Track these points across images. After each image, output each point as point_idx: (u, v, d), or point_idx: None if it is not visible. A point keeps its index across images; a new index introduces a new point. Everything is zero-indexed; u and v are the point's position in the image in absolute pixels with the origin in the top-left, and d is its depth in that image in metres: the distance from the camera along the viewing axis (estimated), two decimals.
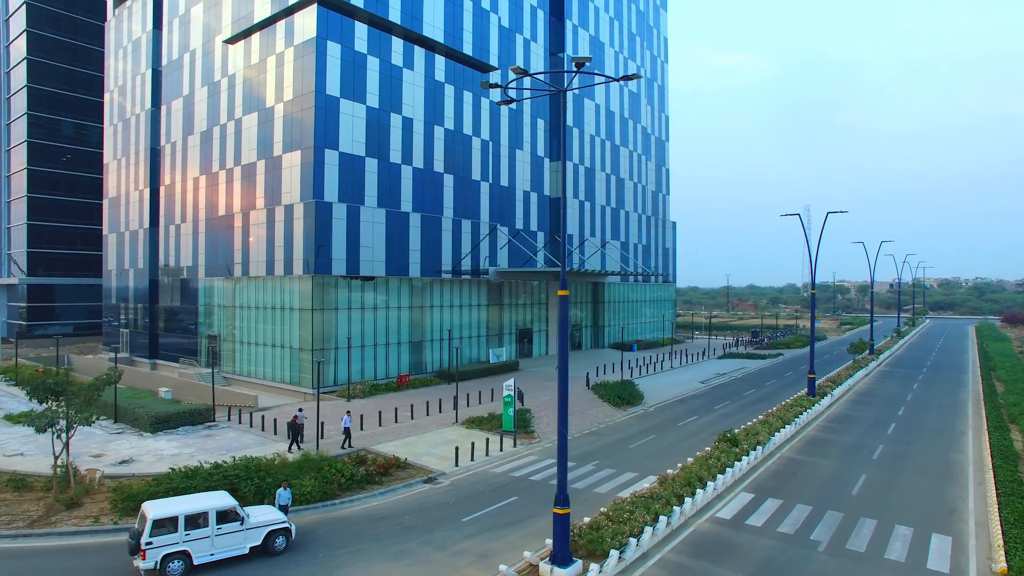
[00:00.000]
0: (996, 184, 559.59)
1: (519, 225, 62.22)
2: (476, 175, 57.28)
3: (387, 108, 49.49)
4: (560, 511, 16.98)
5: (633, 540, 18.34)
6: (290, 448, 29.87)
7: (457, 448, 28.74)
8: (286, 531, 19.09)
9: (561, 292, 16.93)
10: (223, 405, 41.53)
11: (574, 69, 63.58)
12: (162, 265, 61.32)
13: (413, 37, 51.39)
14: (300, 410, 31.93)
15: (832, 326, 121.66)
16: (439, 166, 53.59)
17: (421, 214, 51.61)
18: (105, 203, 69.85)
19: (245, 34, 50.98)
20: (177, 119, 59.06)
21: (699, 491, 22.65)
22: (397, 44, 50.31)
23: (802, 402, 39.32)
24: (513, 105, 61.69)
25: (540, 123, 65.03)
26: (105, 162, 70.04)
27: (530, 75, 16.25)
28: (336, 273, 45.52)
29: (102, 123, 75.73)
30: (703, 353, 72.23)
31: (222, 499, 18.60)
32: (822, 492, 24.79)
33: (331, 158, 45.70)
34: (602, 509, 20.54)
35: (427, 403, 39.41)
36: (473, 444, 29.60)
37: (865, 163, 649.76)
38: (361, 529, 21.09)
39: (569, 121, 68.10)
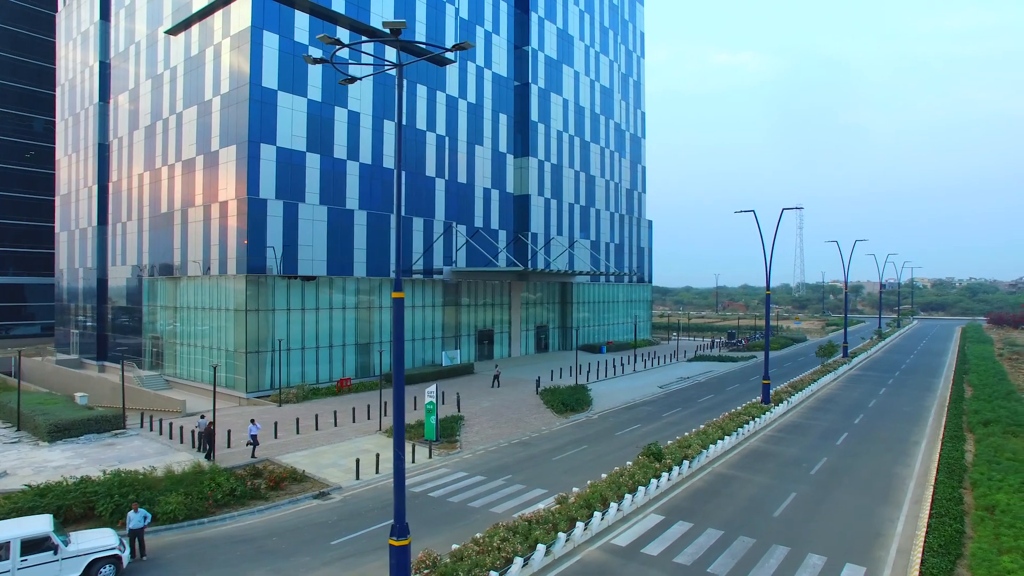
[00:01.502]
0: (995, 184, 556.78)
1: (479, 223, 60.23)
2: (431, 171, 55.31)
3: (331, 101, 47.54)
4: (396, 543, 15.01)
5: (494, 574, 16.36)
6: (207, 456, 28.29)
7: (358, 460, 26.79)
8: (115, 559, 17.14)
9: (395, 294, 14.93)
10: (150, 410, 39.78)
11: (541, 65, 60.26)
12: (110, 264, 59.45)
13: (360, 28, 49.39)
14: (203, 416, 30.06)
15: (817, 327, 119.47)
16: (389, 162, 51.61)
17: (368, 212, 49.67)
18: (57, 200, 68.03)
19: (185, 24, 49.04)
20: (123, 113, 57.20)
21: (597, 514, 20.66)
22: (342, 35, 48.30)
23: (751, 410, 37.26)
24: (473, 99, 59.73)
25: (503, 118, 63.04)
26: (57, 158, 68.24)
27: (342, 45, 14.31)
28: (272, 272, 43.60)
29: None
30: (673, 355, 70.20)
31: (34, 525, 16.65)
32: (741, 514, 22.78)
33: (268, 153, 43.77)
34: (477, 535, 18.58)
35: (353, 409, 37.52)
36: (378, 456, 27.64)
37: (864, 162, 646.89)
38: (215, 553, 19.16)
39: (534, 116, 66.10)
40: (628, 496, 22.49)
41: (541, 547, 18.01)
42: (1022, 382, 52.01)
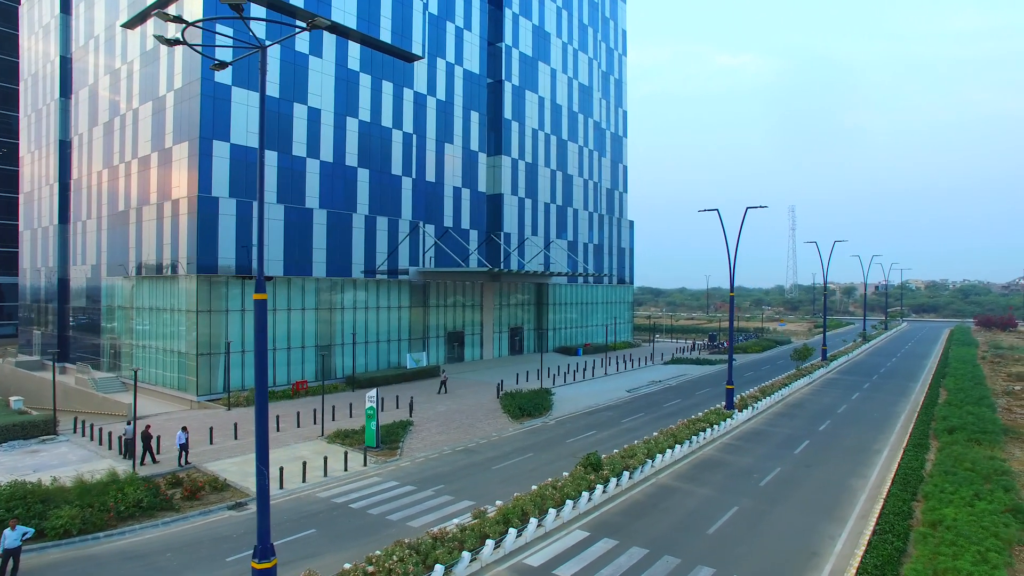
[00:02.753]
0: (994, 185, 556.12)
1: (448, 223, 59.00)
2: (397, 170, 54.08)
3: (289, 98, 46.31)
4: (259, 566, 13.80)
5: None
6: (143, 462, 27.58)
7: (282, 468, 25.60)
8: None
9: (257, 296, 13.70)
10: (96, 413, 38.61)
11: (515, 62, 58.80)
12: (71, 264, 58.20)
13: (322, 21, 48.06)
14: (129, 423, 28.81)
15: (804, 329, 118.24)
16: (352, 160, 50.40)
17: (328, 210, 48.44)
18: (21, 198, 66.78)
19: (141, 18, 47.84)
20: (83, 109, 55.96)
21: (512, 531, 19.42)
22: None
23: (711, 417, 36.06)
24: (443, 96, 58.51)
25: (474, 116, 61.81)
26: (21, 155, 66.98)
27: (187, 24, 13.13)
28: (224, 272, 42.36)
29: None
30: (649, 358, 68.96)
31: None
32: (673, 530, 21.53)
33: (220, 150, 42.54)
34: (377, 552, 17.34)
35: (298, 413, 36.29)
36: (305, 464, 26.42)
37: (864, 163, 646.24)
38: (99, 573, 17.90)
39: (508, 114, 64.87)
40: (553, 511, 21.27)
41: (439, 568, 16.77)
42: (999, 386, 50.88)
